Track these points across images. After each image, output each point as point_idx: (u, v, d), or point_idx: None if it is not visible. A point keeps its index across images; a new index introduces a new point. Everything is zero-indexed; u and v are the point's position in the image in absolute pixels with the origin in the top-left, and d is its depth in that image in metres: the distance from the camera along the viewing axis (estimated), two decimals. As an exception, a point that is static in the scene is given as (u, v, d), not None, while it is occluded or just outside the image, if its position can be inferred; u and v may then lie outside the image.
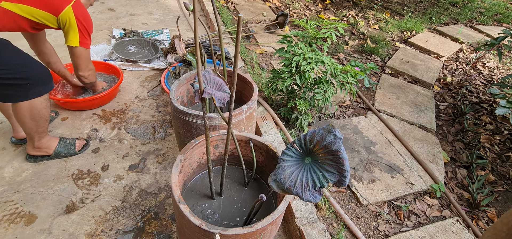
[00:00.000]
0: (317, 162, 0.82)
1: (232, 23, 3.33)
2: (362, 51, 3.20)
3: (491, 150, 2.09)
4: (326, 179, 0.79)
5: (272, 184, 0.85)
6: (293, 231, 1.42)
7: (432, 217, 1.59)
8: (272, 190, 0.87)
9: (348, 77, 1.79)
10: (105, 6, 3.65)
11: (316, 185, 0.80)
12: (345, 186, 0.79)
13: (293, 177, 0.83)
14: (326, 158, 0.79)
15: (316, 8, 4.27)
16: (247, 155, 1.32)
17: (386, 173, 1.77)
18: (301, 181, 0.81)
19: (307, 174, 0.82)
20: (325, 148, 0.78)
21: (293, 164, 0.84)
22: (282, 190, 0.84)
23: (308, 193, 0.80)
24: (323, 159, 0.80)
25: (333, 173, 0.79)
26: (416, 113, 2.34)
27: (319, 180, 0.80)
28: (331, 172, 0.79)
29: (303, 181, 0.81)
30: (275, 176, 0.85)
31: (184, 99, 1.70)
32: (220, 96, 0.90)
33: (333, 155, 0.78)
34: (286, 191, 0.83)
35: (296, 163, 0.85)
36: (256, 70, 2.51)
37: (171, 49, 2.50)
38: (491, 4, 5.11)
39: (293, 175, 0.83)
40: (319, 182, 0.80)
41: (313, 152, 0.83)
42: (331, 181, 0.79)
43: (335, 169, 0.78)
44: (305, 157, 0.85)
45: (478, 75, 3.03)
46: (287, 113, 2.02)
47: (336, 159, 0.77)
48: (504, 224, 0.65)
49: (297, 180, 0.82)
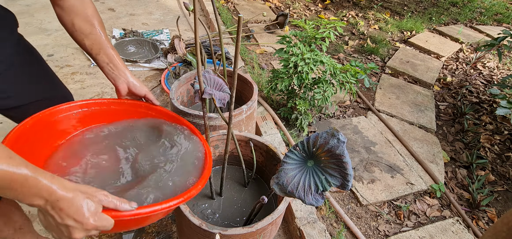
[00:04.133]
0: (320, 165, 0.81)
1: (232, 23, 3.33)
2: (362, 51, 3.20)
3: (491, 150, 2.09)
4: (329, 183, 0.78)
5: (274, 187, 0.84)
6: (293, 231, 1.42)
7: (432, 217, 1.59)
8: (273, 191, 0.87)
9: (347, 77, 1.79)
10: (105, 6, 3.65)
11: (318, 189, 0.79)
12: (348, 190, 0.78)
13: (295, 180, 0.82)
14: (329, 162, 0.79)
15: (316, 8, 4.27)
16: (247, 155, 1.32)
17: (386, 173, 1.77)
18: (303, 184, 0.81)
19: (310, 177, 0.81)
20: (328, 151, 0.78)
21: (295, 167, 0.84)
22: (285, 193, 0.83)
23: (310, 197, 0.79)
24: (326, 162, 0.80)
25: (336, 177, 0.78)
26: (416, 113, 2.34)
27: (321, 184, 0.79)
28: (334, 176, 0.78)
29: (305, 184, 0.81)
30: (277, 179, 0.84)
31: (184, 99, 1.70)
32: (220, 97, 0.90)
33: (336, 159, 0.77)
34: (289, 194, 0.82)
35: (299, 166, 0.84)
36: (256, 70, 2.51)
37: (171, 49, 2.50)
38: (491, 4, 5.11)
39: (295, 178, 0.82)
40: (322, 186, 0.79)
41: (316, 155, 0.82)
42: (334, 185, 0.78)
43: (338, 172, 0.78)
44: (307, 160, 0.84)
45: (478, 75, 3.03)
46: (287, 113, 2.01)
47: (339, 162, 0.77)
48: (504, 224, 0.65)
49: (300, 183, 0.81)
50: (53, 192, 0.58)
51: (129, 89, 1.00)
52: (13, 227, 1.06)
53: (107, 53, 0.95)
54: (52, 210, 0.59)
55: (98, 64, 0.96)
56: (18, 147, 0.75)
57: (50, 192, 0.58)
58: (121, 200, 0.66)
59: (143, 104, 1.04)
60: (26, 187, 0.56)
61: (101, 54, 0.94)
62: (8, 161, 0.54)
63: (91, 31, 0.93)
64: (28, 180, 0.55)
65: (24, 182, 0.55)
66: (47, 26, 3.01)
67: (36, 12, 3.26)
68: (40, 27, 2.98)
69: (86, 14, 0.92)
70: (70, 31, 0.93)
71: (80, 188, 0.62)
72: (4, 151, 0.55)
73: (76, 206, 0.60)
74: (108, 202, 0.65)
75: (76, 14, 0.91)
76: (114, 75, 0.97)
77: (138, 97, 1.04)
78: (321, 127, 2.07)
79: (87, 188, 0.64)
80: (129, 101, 1.03)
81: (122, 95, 1.00)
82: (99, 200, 0.64)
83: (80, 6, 0.92)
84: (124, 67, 0.98)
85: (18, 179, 0.54)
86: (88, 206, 0.62)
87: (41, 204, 0.59)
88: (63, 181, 0.61)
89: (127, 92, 1.01)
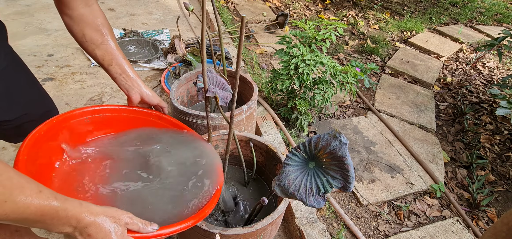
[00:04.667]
0: (321, 166, 0.81)
1: (232, 23, 3.33)
2: (362, 51, 3.20)
3: (491, 150, 2.09)
4: (331, 185, 0.78)
5: (275, 189, 0.84)
6: (293, 231, 1.42)
7: (432, 217, 1.59)
8: (274, 192, 0.87)
9: (348, 78, 1.79)
10: (105, 6, 3.65)
11: (320, 190, 0.79)
12: (349, 191, 0.78)
13: (297, 182, 0.81)
14: (331, 163, 0.78)
15: (316, 8, 4.27)
16: (247, 155, 1.32)
17: (386, 173, 1.77)
18: (305, 186, 0.80)
19: (311, 179, 0.81)
20: (330, 153, 0.77)
21: (297, 168, 0.83)
22: (286, 195, 0.83)
23: (312, 199, 0.79)
24: (327, 164, 0.79)
25: (338, 179, 0.78)
26: (416, 113, 2.34)
27: (323, 186, 0.79)
28: (335, 178, 0.78)
29: (307, 186, 0.80)
30: (279, 180, 0.84)
31: (184, 99, 1.70)
32: (223, 96, 0.90)
33: (338, 161, 0.77)
34: (290, 196, 0.82)
35: (300, 168, 0.83)
36: (256, 70, 2.51)
37: (171, 49, 2.50)
38: (491, 4, 5.11)
39: (297, 180, 0.82)
40: (323, 188, 0.79)
41: (317, 156, 0.81)
42: (335, 187, 0.78)
43: (340, 174, 0.77)
44: (309, 161, 0.84)
45: (478, 75, 3.03)
46: (287, 113, 2.01)
47: (341, 164, 0.76)
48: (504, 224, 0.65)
49: (301, 185, 0.81)
50: (82, 219, 0.58)
51: (142, 99, 0.99)
52: (9, 230, 1.05)
53: (119, 63, 0.93)
54: (80, 236, 0.60)
55: (110, 75, 0.94)
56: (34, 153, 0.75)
57: (78, 220, 0.58)
58: (144, 222, 0.68)
59: (154, 114, 1.04)
60: (55, 218, 0.56)
61: (114, 64, 0.92)
62: (38, 196, 0.53)
63: (103, 41, 0.90)
64: (58, 212, 0.55)
65: (54, 214, 0.55)
66: (47, 26, 3.01)
67: (36, 12, 3.26)
68: (40, 27, 2.98)
69: (96, 23, 0.89)
70: (80, 42, 0.90)
71: (107, 212, 0.62)
72: (33, 185, 0.54)
73: (104, 231, 0.61)
74: (133, 224, 0.66)
75: (86, 24, 0.87)
76: (128, 86, 0.95)
77: (150, 106, 1.03)
78: (321, 127, 2.07)
79: (113, 211, 0.64)
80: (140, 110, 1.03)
81: (134, 105, 1.00)
82: (125, 223, 0.65)
83: (90, 15, 0.88)
84: (136, 77, 0.96)
85: (48, 212, 0.54)
86: (116, 230, 0.62)
87: (69, 232, 0.59)
88: (91, 207, 0.61)
89: (139, 101, 0.99)
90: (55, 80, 2.31)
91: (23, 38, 2.78)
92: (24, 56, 2.48)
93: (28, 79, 0.98)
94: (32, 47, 2.66)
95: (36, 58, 2.52)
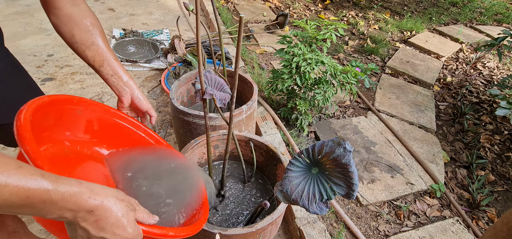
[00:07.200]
0: (325, 173, 0.80)
1: (232, 23, 3.33)
2: (362, 51, 3.20)
3: (491, 150, 2.09)
4: (334, 192, 0.77)
5: (278, 195, 0.83)
6: (293, 231, 1.42)
7: (432, 217, 1.59)
8: (274, 194, 0.86)
9: (348, 78, 1.80)
10: (105, 6, 3.65)
11: (323, 197, 0.78)
12: (353, 199, 0.77)
13: (300, 188, 0.80)
14: (335, 170, 0.77)
15: (316, 8, 4.27)
16: (247, 155, 1.32)
17: (386, 173, 1.77)
18: (308, 193, 0.79)
19: (314, 186, 0.80)
20: (334, 160, 0.76)
21: (300, 174, 0.82)
22: (289, 201, 0.82)
23: (315, 205, 0.78)
24: (331, 170, 0.78)
25: (341, 186, 0.77)
26: (416, 113, 2.34)
27: (326, 192, 0.78)
28: (339, 185, 0.77)
29: (309, 193, 0.79)
30: (281, 186, 0.83)
31: (184, 99, 1.70)
32: (221, 97, 0.90)
33: (342, 168, 0.75)
34: (293, 202, 0.81)
35: (303, 174, 0.83)
36: (256, 70, 2.51)
37: (171, 49, 2.50)
38: (491, 4, 5.11)
39: (299, 186, 0.81)
40: (326, 194, 0.78)
41: (321, 163, 0.80)
42: (338, 194, 0.77)
43: (344, 181, 0.76)
44: (312, 167, 0.83)
45: (478, 75, 3.03)
46: (287, 113, 2.01)
47: (345, 172, 0.75)
48: (504, 224, 0.65)
49: (304, 192, 0.80)
50: (83, 202, 0.49)
51: (132, 102, 0.96)
52: (6, 231, 1.03)
53: (111, 64, 0.89)
54: (84, 222, 0.51)
55: (101, 76, 0.91)
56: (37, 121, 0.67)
57: (79, 203, 0.48)
58: (148, 212, 0.60)
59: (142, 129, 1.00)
60: (48, 202, 0.46)
61: (105, 65, 0.89)
62: (18, 172, 0.43)
63: (93, 41, 0.86)
64: (49, 193, 0.45)
65: (44, 196, 0.45)
66: (47, 26, 3.01)
67: (36, 12, 3.26)
68: (40, 27, 2.98)
69: (86, 24, 0.85)
70: (70, 43, 0.85)
71: (115, 193, 0.53)
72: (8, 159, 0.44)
73: (115, 216, 0.52)
74: (140, 211, 0.58)
75: (74, 24, 0.83)
76: (119, 87, 0.93)
77: (140, 111, 1.00)
78: (321, 127, 2.07)
79: (121, 193, 0.55)
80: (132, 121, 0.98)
81: (124, 107, 0.96)
82: (134, 208, 0.56)
83: (78, 14, 0.83)
84: (129, 78, 0.93)
85: (36, 194, 0.44)
86: (128, 215, 0.54)
87: (69, 218, 0.49)
88: (94, 187, 0.51)
89: (130, 104, 0.96)
90: (55, 80, 2.31)
91: (23, 38, 2.78)
92: (24, 56, 2.50)
93: (26, 82, 0.97)
94: (32, 47, 2.66)
95: (36, 58, 2.52)
